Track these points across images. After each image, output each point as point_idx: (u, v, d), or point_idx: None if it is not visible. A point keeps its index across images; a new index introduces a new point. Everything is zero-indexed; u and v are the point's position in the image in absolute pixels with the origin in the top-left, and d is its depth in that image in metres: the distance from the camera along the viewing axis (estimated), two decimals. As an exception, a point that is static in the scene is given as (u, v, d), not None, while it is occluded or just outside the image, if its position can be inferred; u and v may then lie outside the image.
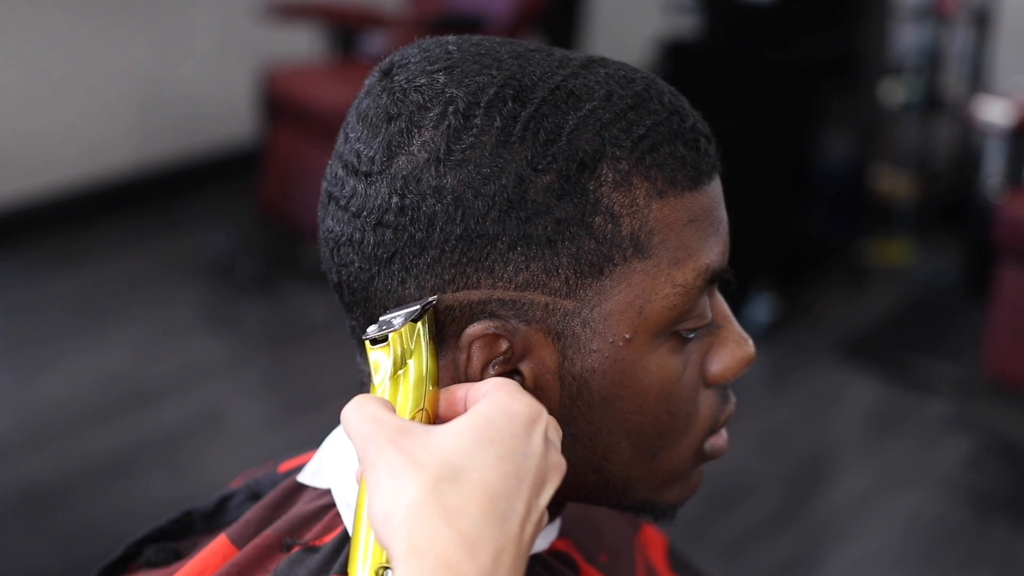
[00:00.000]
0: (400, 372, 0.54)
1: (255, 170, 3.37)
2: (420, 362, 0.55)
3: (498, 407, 0.51)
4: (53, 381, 2.68)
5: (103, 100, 3.59)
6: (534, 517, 0.49)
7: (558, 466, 0.52)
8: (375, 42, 3.39)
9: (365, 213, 0.57)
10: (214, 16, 3.80)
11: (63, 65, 3.46)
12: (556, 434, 0.54)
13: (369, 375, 0.56)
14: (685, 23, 3.20)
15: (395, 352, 0.54)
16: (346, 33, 3.37)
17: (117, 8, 3.56)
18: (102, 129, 3.61)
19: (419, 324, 0.55)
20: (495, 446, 0.49)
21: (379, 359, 0.55)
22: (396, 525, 0.47)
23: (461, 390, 0.55)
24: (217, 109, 3.87)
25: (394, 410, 0.53)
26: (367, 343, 0.55)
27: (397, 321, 0.54)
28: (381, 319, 0.55)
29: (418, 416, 0.54)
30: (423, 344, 0.55)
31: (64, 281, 3.20)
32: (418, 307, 0.55)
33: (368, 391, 0.62)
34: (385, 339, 0.54)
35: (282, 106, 3.17)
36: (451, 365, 0.58)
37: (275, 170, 3.20)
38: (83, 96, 3.54)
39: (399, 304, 0.57)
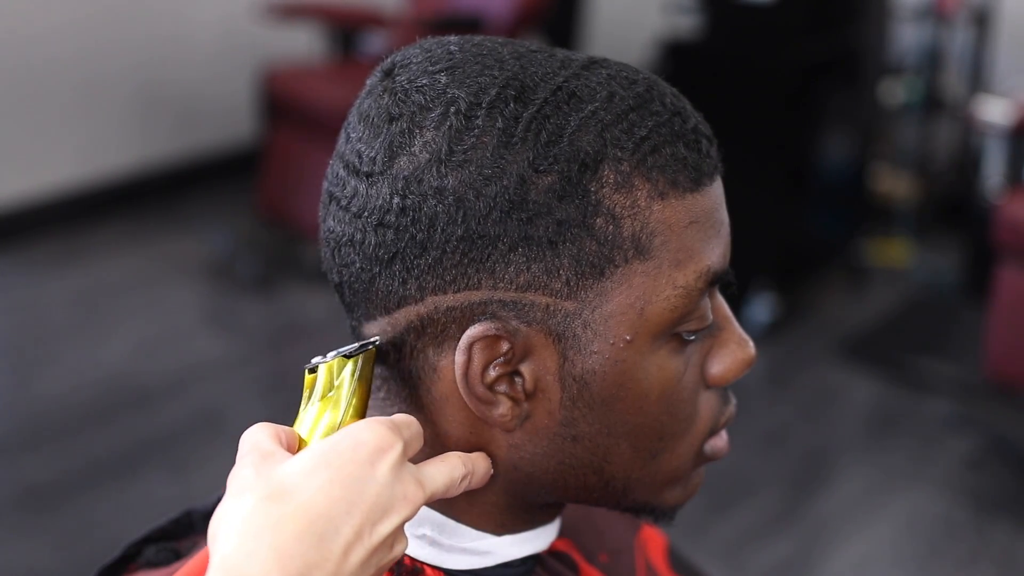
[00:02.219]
0: (324, 400, 0.56)
1: (255, 170, 3.38)
2: (341, 397, 0.57)
3: (348, 434, 0.53)
4: (53, 381, 2.68)
5: (103, 100, 3.59)
6: (367, 543, 0.50)
7: (410, 498, 0.53)
8: (375, 42, 3.39)
9: (366, 213, 0.57)
10: (214, 16, 3.80)
11: (63, 64, 3.46)
12: (446, 473, 0.56)
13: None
14: (685, 23, 3.20)
15: (322, 382, 0.57)
16: (346, 33, 3.38)
17: (117, 7, 3.56)
18: (102, 129, 3.61)
19: (352, 360, 0.57)
20: (330, 470, 0.51)
21: (307, 386, 0.57)
22: (218, 538, 0.50)
23: None
24: (217, 109, 3.87)
25: (285, 440, 0.55)
26: (305, 371, 0.57)
27: (330, 355, 0.57)
28: (328, 354, 0.58)
29: None
30: (351, 379, 0.57)
31: (64, 281, 3.20)
32: (356, 345, 0.58)
33: None
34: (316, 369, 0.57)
35: (282, 106, 3.17)
36: (452, 366, 0.58)
37: (275, 170, 3.20)
38: (83, 96, 3.54)
39: (399, 305, 0.58)
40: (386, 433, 0.53)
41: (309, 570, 0.48)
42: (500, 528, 0.63)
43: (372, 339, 0.58)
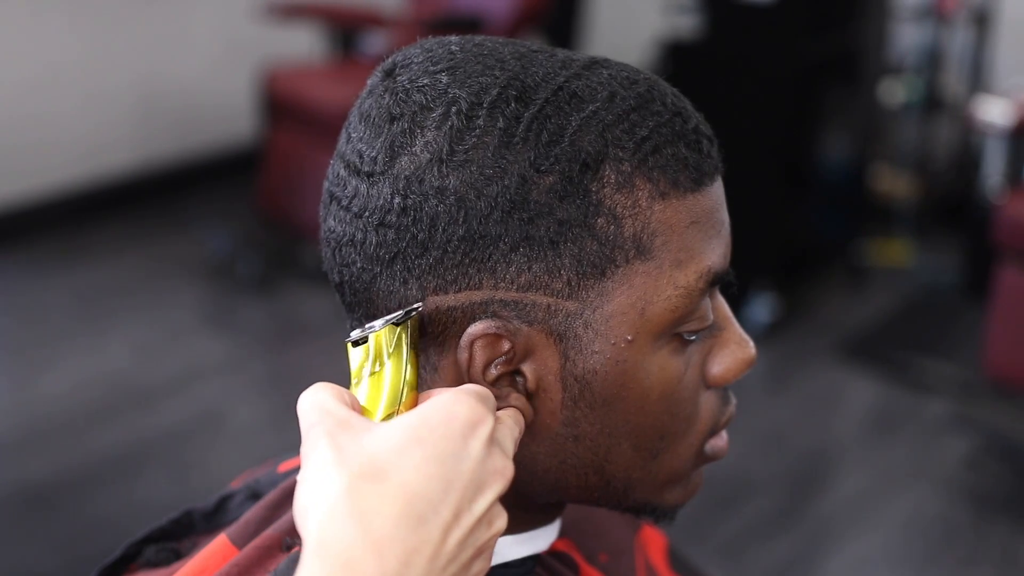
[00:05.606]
0: (377, 372, 0.54)
1: (255, 170, 3.38)
2: (398, 365, 0.55)
3: (438, 408, 0.51)
4: (53, 381, 2.68)
5: (103, 100, 3.59)
6: (465, 522, 0.48)
7: (501, 471, 0.51)
8: (375, 42, 3.39)
9: (367, 213, 0.57)
10: (214, 16, 3.80)
11: (63, 65, 3.46)
12: (511, 436, 0.54)
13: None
14: (685, 23, 3.20)
15: (373, 352, 0.54)
16: (346, 33, 3.38)
17: (117, 8, 3.56)
18: (102, 129, 3.61)
19: (400, 328, 0.55)
20: (424, 447, 0.49)
21: (357, 358, 0.55)
22: (310, 520, 0.47)
23: (436, 394, 0.55)
24: (217, 109, 3.87)
25: (350, 403, 0.53)
26: (348, 344, 0.55)
27: (378, 324, 0.55)
28: (366, 325, 0.56)
29: (391, 418, 0.54)
30: (403, 348, 0.55)
31: (64, 281, 3.20)
32: (401, 313, 0.55)
33: None
34: (366, 340, 0.55)
35: (282, 106, 3.17)
36: (453, 366, 0.58)
37: (275, 170, 3.20)
38: (83, 96, 3.54)
39: (400, 304, 0.58)
40: (477, 406, 0.51)
41: (409, 556, 0.46)
42: (501, 528, 0.63)
43: (416, 305, 0.56)
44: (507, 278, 0.56)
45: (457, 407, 0.51)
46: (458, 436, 0.50)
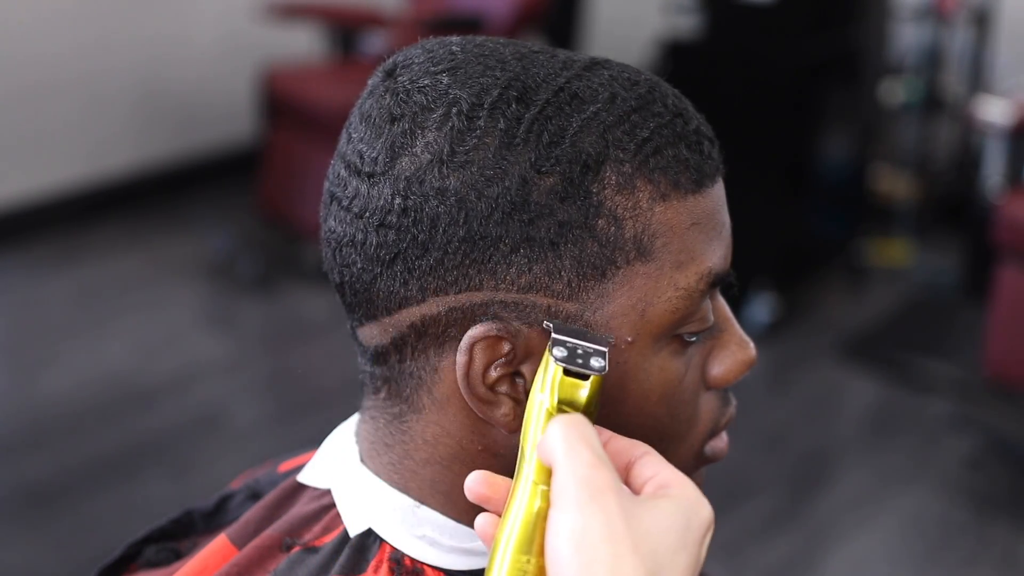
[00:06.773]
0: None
1: (255, 170, 3.38)
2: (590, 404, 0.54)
3: (695, 508, 0.51)
4: (53, 381, 2.68)
5: (103, 100, 3.59)
6: None
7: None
8: (375, 42, 3.39)
9: (367, 214, 0.57)
10: (214, 16, 3.80)
11: (63, 65, 3.46)
12: None
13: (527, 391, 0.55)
14: (685, 23, 3.20)
15: (590, 395, 0.53)
16: (346, 33, 3.38)
17: (117, 7, 3.56)
18: (102, 129, 3.61)
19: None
20: (687, 552, 0.50)
21: (572, 391, 0.53)
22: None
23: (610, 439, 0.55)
24: (217, 109, 3.87)
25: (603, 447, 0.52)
26: (560, 366, 0.53)
27: (597, 364, 0.54)
28: (566, 344, 0.54)
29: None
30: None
31: (64, 281, 3.20)
32: (604, 350, 0.55)
33: (368, 389, 0.62)
34: (586, 377, 0.53)
35: (282, 106, 3.18)
36: (453, 367, 0.58)
37: (275, 170, 3.20)
38: (83, 96, 3.54)
39: (400, 305, 0.57)
40: (711, 510, 0.52)
41: None
42: (501, 529, 0.63)
43: (610, 338, 0.56)
44: (507, 279, 0.56)
45: (705, 510, 0.52)
46: (702, 540, 0.51)
